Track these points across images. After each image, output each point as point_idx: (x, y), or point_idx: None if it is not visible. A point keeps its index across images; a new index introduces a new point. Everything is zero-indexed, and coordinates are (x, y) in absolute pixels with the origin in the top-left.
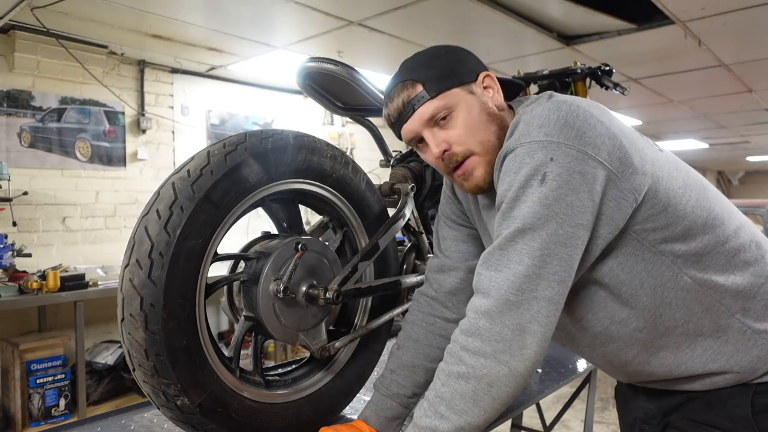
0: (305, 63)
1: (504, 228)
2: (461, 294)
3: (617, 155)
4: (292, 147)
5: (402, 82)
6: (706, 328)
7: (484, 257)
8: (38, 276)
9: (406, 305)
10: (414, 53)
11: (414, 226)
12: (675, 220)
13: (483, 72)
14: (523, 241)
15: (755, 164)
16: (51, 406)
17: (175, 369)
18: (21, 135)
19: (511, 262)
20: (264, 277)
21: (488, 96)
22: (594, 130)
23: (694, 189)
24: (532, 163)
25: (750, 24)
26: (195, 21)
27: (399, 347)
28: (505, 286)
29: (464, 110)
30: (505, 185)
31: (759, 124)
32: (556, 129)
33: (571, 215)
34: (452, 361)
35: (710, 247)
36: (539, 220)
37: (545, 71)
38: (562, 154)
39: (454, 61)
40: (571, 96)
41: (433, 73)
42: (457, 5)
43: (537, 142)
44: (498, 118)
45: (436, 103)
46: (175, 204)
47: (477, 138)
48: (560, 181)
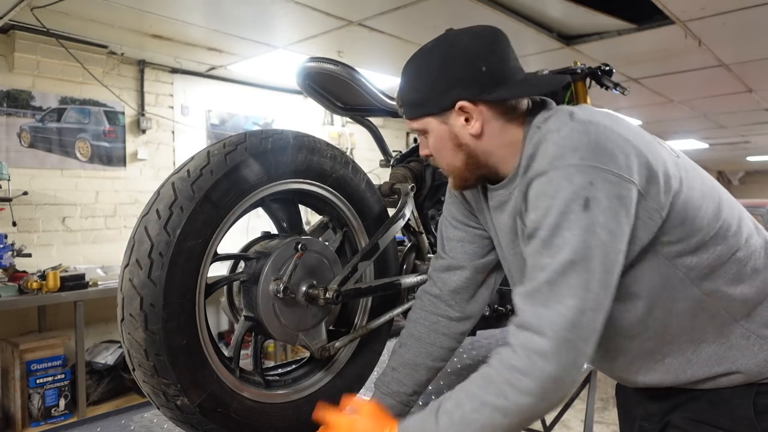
0: (305, 63)
1: (547, 257)
2: (465, 293)
3: (645, 174)
4: (292, 147)
5: (399, 89)
6: (709, 334)
7: (529, 292)
8: (38, 276)
9: (406, 305)
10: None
11: (414, 226)
12: (691, 233)
13: (461, 102)
14: (574, 274)
15: (755, 164)
16: (51, 406)
17: (175, 369)
18: (21, 135)
19: (564, 296)
20: (264, 277)
21: (464, 125)
22: (624, 150)
23: (710, 198)
24: (571, 188)
25: (750, 24)
26: (195, 21)
27: (401, 345)
28: (560, 323)
29: (433, 137)
30: (541, 210)
31: (759, 124)
32: (590, 152)
33: (613, 242)
34: (492, 392)
35: (722, 259)
36: (588, 249)
37: (545, 71)
38: (600, 178)
39: (435, 87)
40: (591, 112)
41: (412, 98)
42: (457, 5)
43: (574, 166)
44: (467, 149)
45: (412, 125)
46: (175, 204)
47: (443, 161)
48: (602, 207)
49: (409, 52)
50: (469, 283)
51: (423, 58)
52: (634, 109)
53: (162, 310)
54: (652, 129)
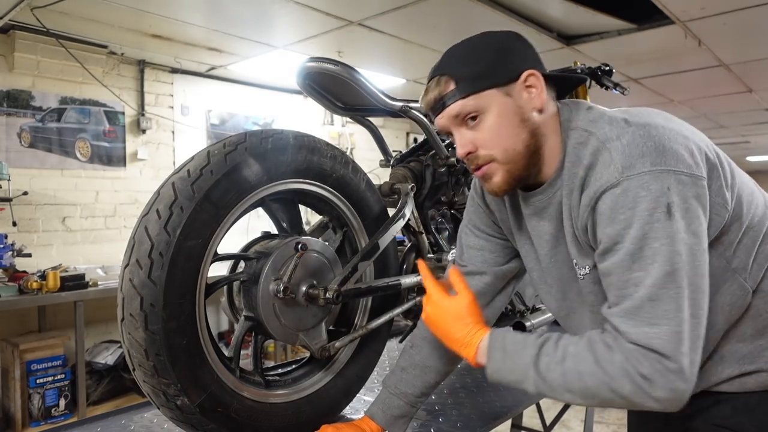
0: (305, 63)
1: (638, 270)
2: (482, 298)
3: (707, 169)
4: (292, 147)
5: (438, 76)
6: (747, 334)
7: (631, 311)
8: (38, 276)
9: (406, 305)
10: (461, 41)
11: (414, 226)
12: (746, 227)
13: (527, 71)
14: (673, 285)
15: (755, 164)
16: (51, 406)
17: (175, 369)
18: (21, 135)
19: (668, 311)
20: (264, 277)
21: (528, 98)
22: (688, 148)
23: (756, 194)
24: (649, 195)
25: (750, 24)
26: (195, 21)
27: (412, 346)
28: (674, 339)
29: (495, 114)
30: (620, 223)
31: (759, 124)
32: (659, 156)
33: (700, 243)
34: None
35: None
36: (679, 257)
37: None
38: (675, 181)
39: (498, 57)
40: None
41: (469, 71)
42: (457, 5)
43: (647, 173)
44: (531, 125)
45: (466, 103)
46: (175, 204)
47: (502, 145)
48: (683, 211)
49: (410, 52)
50: (488, 288)
51: (471, 41)
52: None
53: (162, 310)
54: None
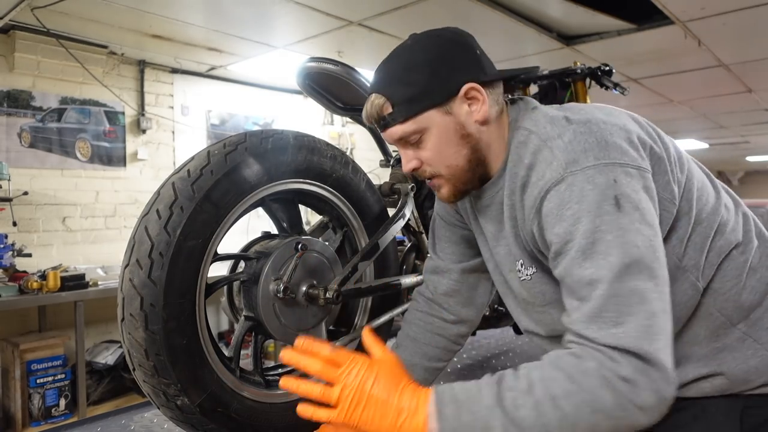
0: (305, 63)
1: (592, 267)
2: (457, 295)
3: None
4: (292, 147)
5: (375, 93)
6: (701, 336)
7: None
8: (38, 276)
9: (406, 305)
10: (396, 51)
11: (414, 226)
12: (695, 223)
13: (467, 84)
14: (631, 278)
15: (755, 164)
16: (51, 406)
17: (175, 369)
18: (21, 135)
19: (632, 307)
20: (264, 277)
21: (468, 111)
22: (631, 141)
23: (710, 191)
24: (596, 189)
25: (750, 24)
26: (195, 21)
27: (397, 346)
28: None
29: (435, 134)
30: (568, 219)
31: (759, 124)
32: (602, 150)
33: (656, 235)
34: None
35: (722, 253)
36: (637, 248)
37: (545, 71)
38: (623, 173)
39: (434, 73)
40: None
41: (406, 93)
42: (457, 5)
43: (591, 167)
44: (473, 139)
45: (405, 128)
46: (175, 204)
47: (444, 162)
48: (633, 202)
49: None
50: (457, 285)
51: (405, 53)
52: (634, 109)
53: (162, 310)
54: None
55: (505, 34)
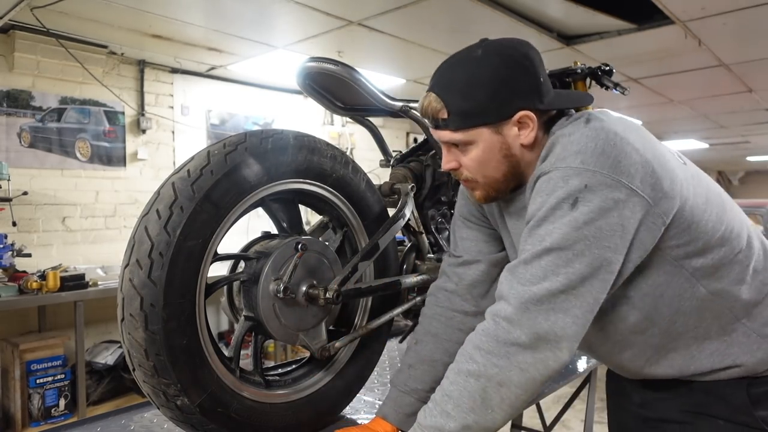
0: (305, 63)
1: (529, 244)
2: (481, 287)
3: (649, 181)
4: (292, 147)
5: (435, 94)
6: (713, 332)
7: (509, 269)
8: (38, 276)
9: (406, 305)
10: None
11: (414, 226)
12: (697, 236)
13: (521, 111)
14: (549, 258)
15: (755, 164)
16: (51, 406)
17: (175, 369)
18: (21, 135)
19: (535, 276)
20: (264, 277)
21: (516, 135)
22: (629, 158)
23: (714, 204)
24: (566, 188)
25: (750, 24)
26: (195, 21)
27: (417, 342)
28: (526, 295)
29: (481, 147)
30: (536, 204)
31: (759, 124)
32: (593, 157)
33: (599, 238)
34: (463, 360)
35: (726, 260)
36: (566, 240)
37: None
38: (596, 182)
39: (494, 94)
40: (606, 119)
41: (463, 106)
42: (457, 5)
43: (573, 169)
44: (514, 159)
45: (455, 136)
46: (175, 204)
47: (482, 173)
48: (591, 207)
49: (410, 52)
50: (485, 276)
51: (472, 65)
52: (634, 109)
53: (162, 310)
54: (652, 129)
55: (505, 34)
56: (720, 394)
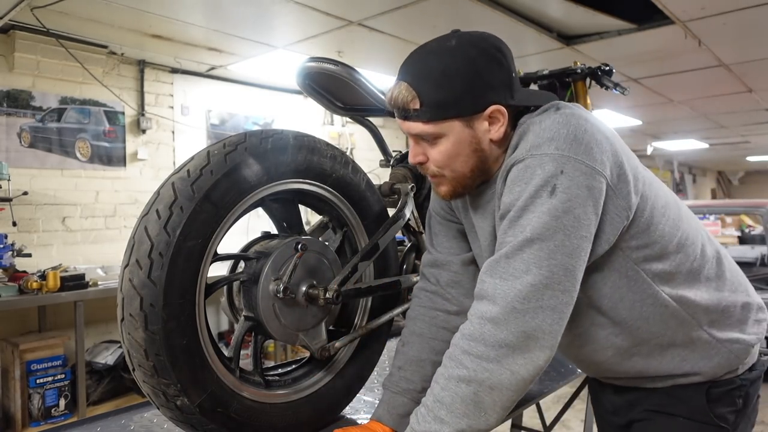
0: (305, 63)
1: (510, 236)
2: (459, 286)
3: (617, 172)
4: (292, 147)
5: (406, 83)
6: (678, 339)
7: (489, 265)
8: (38, 276)
9: (406, 305)
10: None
11: (414, 226)
12: (654, 240)
13: (494, 105)
14: (531, 251)
15: (755, 164)
16: (51, 406)
17: (175, 369)
18: (21, 135)
19: (518, 270)
20: (264, 277)
21: (487, 129)
22: (600, 145)
23: (672, 208)
24: (542, 175)
25: (750, 24)
26: (195, 21)
27: (404, 344)
28: (511, 294)
29: (450, 141)
30: (514, 194)
31: (759, 124)
32: (567, 143)
33: (577, 227)
34: (453, 365)
35: (683, 267)
36: (548, 230)
37: (545, 71)
38: (571, 168)
39: (468, 86)
40: (576, 108)
41: (437, 97)
42: (457, 5)
43: (548, 155)
44: (482, 153)
45: (426, 128)
46: (175, 204)
47: (451, 167)
48: (570, 194)
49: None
50: (459, 276)
51: (447, 55)
52: (634, 109)
53: (162, 310)
54: (652, 129)
55: (505, 34)
56: (680, 396)
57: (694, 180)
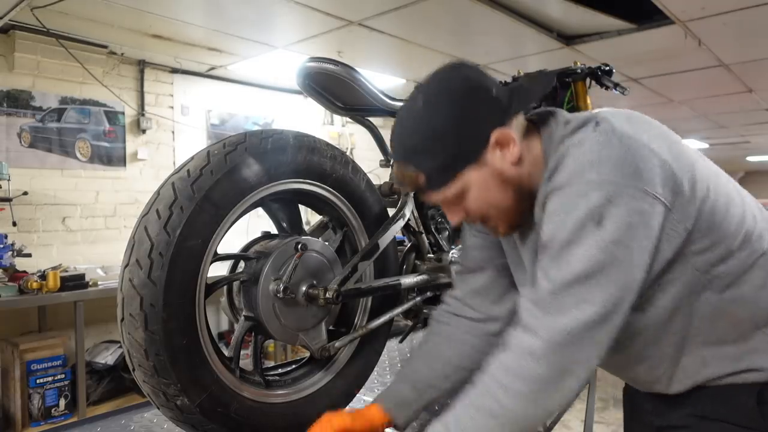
0: (305, 63)
1: (555, 269)
2: (488, 293)
3: (670, 186)
4: (292, 147)
5: (403, 162)
6: (729, 337)
7: (534, 297)
8: (38, 276)
9: (406, 305)
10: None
11: (414, 226)
12: (718, 240)
13: (493, 133)
14: (581, 286)
15: (755, 164)
16: (51, 406)
17: (175, 369)
18: (21, 135)
19: (565, 306)
20: (264, 277)
21: (501, 156)
22: (648, 162)
23: (735, 203)
24: (587, 204)
25: (750, 24)
26: (195, 21)
27: (423, 342)
28: (557, 329)
29: (476, 189)
30: (554, 225)
31: (759, 124)
32: (610, 167)
33: (630, 258)
34: (485, 396)
35: (747, 265)
36: (597, 265)
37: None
38: (619, 194)
39: (459, 135)
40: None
41: (436, 163)
42: (457, 5)
43: (592, 182)
44: (514, 179)
45: (445, 194)
46: (175, 204)
47: (492, 207)
48: (619, 224)
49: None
50: (492, 283)
51: (421, 120)
52: (634, 109)
53: (162, 310)
54: None
55: (505, 34)
56: (728, 399)
57: None
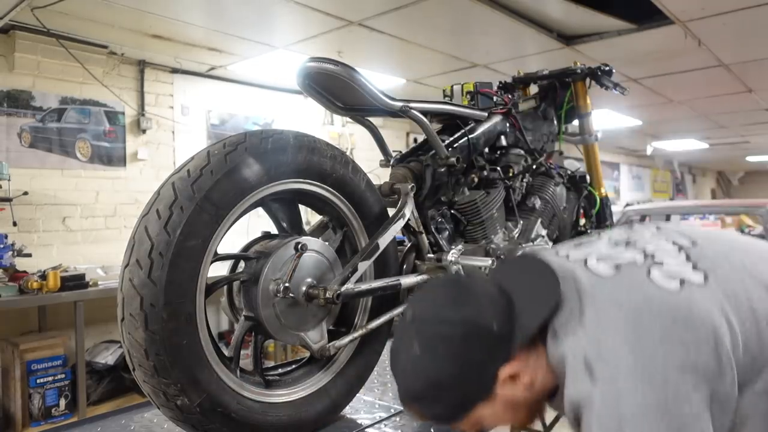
0: (305, 63)
1: None
2: None
3: (713, 368)
4: (292, 147)
5: (410, 405)
6: None
7: None
8: (38, 276)
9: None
10: (410, 360)
11: (414, 226)
12: (762, 362)
13: (502, 372)
14: None
15: (755, 164)
16: (51, 406)
17: (175, 369)
18: (21, 135)
19: None
20: (264, 277)
21: (513, 386)
22: (683, 373)
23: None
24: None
25: (750, 24)
26: (195, 21)
27: None
28: None
29: (489, 419)
30: None
31: (759, 124)
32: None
33: None
34: None
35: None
36: None
37: (545, 71)
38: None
39: (465, 381)
40: (617, 357)
41: (440, 410)
42: (457, 5)
43: None
44: (526, 402)
45: (459, 426)
46: (175, 204)
47: (510, 423)
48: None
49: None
50: None
51: (420, 369)
52: (634, 109)
53: (162, 310)
54: (652, 129)
55: (505, 34)
56: None
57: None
